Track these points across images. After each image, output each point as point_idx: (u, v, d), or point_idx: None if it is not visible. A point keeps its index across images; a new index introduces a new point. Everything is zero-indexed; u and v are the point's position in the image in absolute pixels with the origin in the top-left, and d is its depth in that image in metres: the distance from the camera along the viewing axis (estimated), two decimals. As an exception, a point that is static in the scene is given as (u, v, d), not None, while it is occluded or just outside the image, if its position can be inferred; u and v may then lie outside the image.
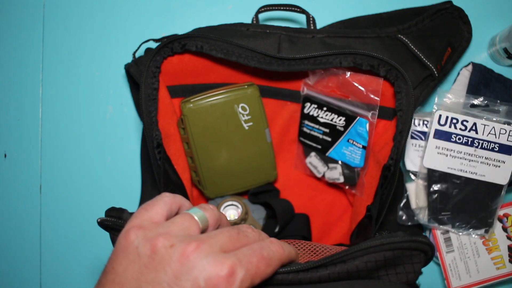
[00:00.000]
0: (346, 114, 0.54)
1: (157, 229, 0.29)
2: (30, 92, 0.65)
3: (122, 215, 0.34)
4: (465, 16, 0.57)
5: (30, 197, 0.65)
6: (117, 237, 0.31)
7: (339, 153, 0.56)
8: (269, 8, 0.57)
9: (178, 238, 0.28)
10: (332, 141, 0.56)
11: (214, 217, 0.31)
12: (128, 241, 0.28)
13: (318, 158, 0.58)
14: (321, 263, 0.32)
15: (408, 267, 0.33)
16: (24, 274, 0.64)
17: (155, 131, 0.52)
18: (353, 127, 0.53)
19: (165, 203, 0.31)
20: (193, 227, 0.29)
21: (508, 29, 0.56)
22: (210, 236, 0.28)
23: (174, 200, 0.32)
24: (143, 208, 0.31)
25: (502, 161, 0.55)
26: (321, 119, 0.55)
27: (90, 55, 0.64)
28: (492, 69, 0.59)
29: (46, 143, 0.65)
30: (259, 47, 0.51)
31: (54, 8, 0.64)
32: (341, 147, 0.56)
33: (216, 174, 0.58)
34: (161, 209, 0.31)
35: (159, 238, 0.28)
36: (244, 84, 0.55)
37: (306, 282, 0.32)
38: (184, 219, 0.30)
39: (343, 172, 0.57)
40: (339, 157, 0.56)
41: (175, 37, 0.51)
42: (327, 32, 0.54)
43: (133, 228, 0.29)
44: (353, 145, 0.54)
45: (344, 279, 0.32)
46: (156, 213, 0.30)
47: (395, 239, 0.32)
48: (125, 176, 0.64)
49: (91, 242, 0.64)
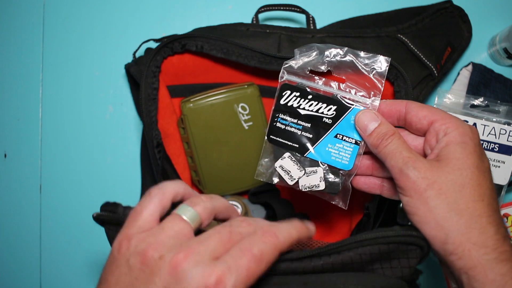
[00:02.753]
0: (338, 102, 0.44)
1: (147, 239, 0.28)
2: (30, 92, 0.65)
3: (117, 209, 0.34)
4: (465, 15, 0.57)
5: (30, 197, 0.65)
6: (112, 232, 0.31)
7: (322, 153, 0.45)
8: (269, 8, 0.57)
9: (167, 248, 0.28)
10: (313, 138, 0.46)
11: (207, 210, 0.31)
12: (120, 253, 0.29)
13: (293, 160, 0.46)
14: (316, 252, 0.32)
15: (403, 261, 0.33)
16: (24, 274, 0.64)
17: (155, 130, 0.52)
18: (345, 119, 0.44)
19: (155, 205, 0.31)
20: (184, 230, 0.29)
21: (508, 29, 0.56)
22: (200, 242, 0.28)
23: (164, 196, 0.31)
24: (132, 216, 0.30)
25: (502, 161, 0.55)
26: (303, 110, 0.45)
27: (90, 55, 0.64)
28: (492, 69, 0.59)
29: (46, 143, 0.65)
30: (259, 47, 0.51)
31: (54, 8, 0.64)
32: (325, 145, 0.45)
33: (216, 174, 0.58)
34: (150, 214, 0.30)
35: (149, 249, 0.28)
36: (244, 84, 0.55)
37: (300, 272, 0.32)
38: (173, 223, 0.29)
39: (324, 177, 0.46)
40: (322, 158, 0.45)
41: (175, 37, 0.51)
42: (327, 32, 0.54)
43: (124, 240, 0.29)
44: (343, 141, 0.45)
45: (339, 271, 0.32)
46: (146, 220, 0.30)
47: (390, 232, 0.32)
48: (125, 176, 0.64)
49: (91, 242, 0.64)
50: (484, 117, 0.55)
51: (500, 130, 0.55)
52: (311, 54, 0.45)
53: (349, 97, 0.44)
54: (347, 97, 0.44)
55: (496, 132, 0.55)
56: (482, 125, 0.55)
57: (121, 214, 0.34)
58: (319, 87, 0.45)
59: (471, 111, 0.56)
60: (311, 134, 0.46)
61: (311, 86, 0.45)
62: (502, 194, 0.55)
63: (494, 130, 0.55)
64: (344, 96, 0.44)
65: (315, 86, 0.45)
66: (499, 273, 0.31)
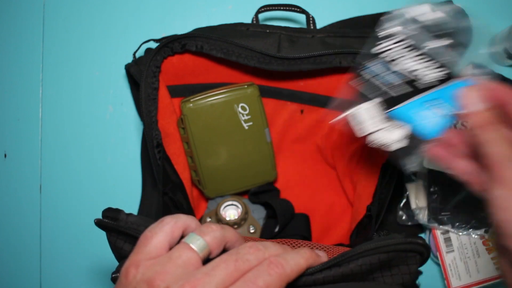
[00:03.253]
0: (449, 67, 0.39)
1: (154, 267, 0.28)
2: (30, 92, 0.65)
3: (118, 215, 0.34)
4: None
5: (30, 197, 0.65)
6: (113, 237, 0.30)
7: (408, 114, 0.40)
8: (269, 8, 0.57)
9: (174, 278, 0.27)
10: (405, 94, 0.40)
11: (216, 240, 0.30)
12: (127, 279, 0.29)
13: (376, 110, 0.41)
14: (316, 269, 0.32)
15: (403, 268, 0.33)
16: (24, 274, 0.64)
17: (155, 130, 0.52)
18: (448, 87, 0.39)
19: (165, 233, 0.30)
20: (192, 260, 0.29)
21: (508, 29, 0.56)
22: (207, 273, 0.28)
23: (176, 226, 0.31)
24: (142, 242, 0.30)
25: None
26: (402, 64, 0.40)
27: (90, 55, 0.64)
28: (492, 69, 0.59)
29: (46, 143, 0.65)
30: (259, 47, 0.51)
31: (54, 8, 0.65)
32: (413, 107, 0.40)
33: (216, 174, 0.58)
34: (160, 241, 0.30)
35: (155, 279, 0.27)
36: (244, 84, 0.55)
37: (301, 285, 0.32)
38: (181, 252, 0.29)
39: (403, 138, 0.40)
40: (406, 119, 0.40)
41: (175, 37, 0.51)
42: (327, 32, 0.54)
43: (131, 266, 0.29)
44: (436, 109, 0.40)
45: (340, 282, 0.32)
46: (155, 247, 0.30)
47: (390, 241, 0.32)
48: (125, 176, 0.64)
49: (91, 242, 0.64)
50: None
51: None
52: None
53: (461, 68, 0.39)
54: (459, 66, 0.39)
55: None
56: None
57: (123, 222, 0.34)
58: (434, 45, 0.40)
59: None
60: (405, 90, 0.41)
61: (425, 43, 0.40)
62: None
63: None
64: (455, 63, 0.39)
65: (430, 45, 0.40)
66: None
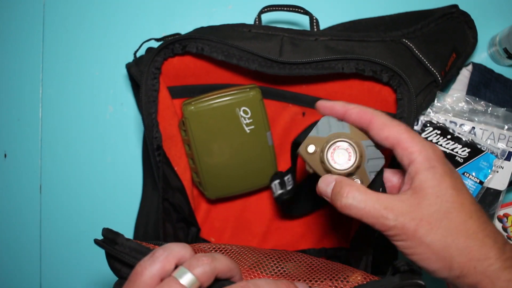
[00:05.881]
0: (473, 146, 0.50)
1: None
2: (30, 92, 0.64)
3: (117, 239, 0.35)
4: (471, 21, 0.56)
5: (30, 197, 0.65)
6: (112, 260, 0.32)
7: None
8: (272, 8, 0.56)
9: None
10: None
11: (206, 274, 0.30)
12: None
13: None
14: None
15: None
16: (24, 274, 0.65)
17: (155, 133, 0.52)
18: (476, 160, 0.51)
19: (156, 269, 0.30)
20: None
21: (508, 29, 0.56)
22: None
23: (167, 260, 0.30)
24: (132, 277, 0.30)
25: (500, 167, 0.55)
26: (439, 147, 0.51)
27: (90, 55, 0.64)
28: (492, 69, 0.59)
29: (46, 143, 0.65)
30: (261, 50, 0.50)
31: (54, 8, 0.64)
32: None
33: (217, 176, 0.58)
34: (150, 277, 0.30)
35: None
36: (246, 87, 0.55)
37: None
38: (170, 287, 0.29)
39: None
40: None
41: (176, 38, 0.51)
42: (330, 35, 0.53)
43: None
44: (468, 179, 0.51)
45: None
46: (145, 282, 0.29)
47: (393, 281, 0.33)
48: (125, 176, 0.64)
49: (91, 242, 0.64)
50: (483, 121, 0.55)
51: (499, 135, 0.55)
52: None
53: (484, 145, 0.52)
54: (482, 144, 0.52)
55: (495, 137, 0.55)
56: (481, 130, 0.55)
57: (121, 247, 0.35)
58: (460, 130, 0.53)
59: (470, 115, 0.56)
60: None
61: (452, 128, 0.53)
62: (501, 200, 0.56)
63: (493, 134, 0.55)
64: (478, 142, 0.52)
65: (456, 130, 0.53)
66: (505, 279, 0.32)
